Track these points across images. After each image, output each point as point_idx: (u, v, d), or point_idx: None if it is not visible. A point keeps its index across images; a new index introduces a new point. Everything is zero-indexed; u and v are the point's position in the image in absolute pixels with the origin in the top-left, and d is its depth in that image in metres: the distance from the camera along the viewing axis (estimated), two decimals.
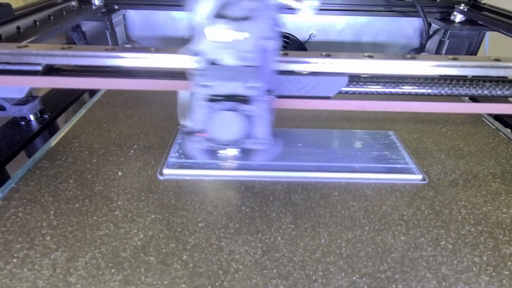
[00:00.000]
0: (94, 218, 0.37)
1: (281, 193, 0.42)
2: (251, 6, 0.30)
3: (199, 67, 0.33)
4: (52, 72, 0.43)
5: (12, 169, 0.45)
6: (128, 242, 0.35)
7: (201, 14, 0.30)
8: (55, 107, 0.59)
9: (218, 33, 0.30)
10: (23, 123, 0.55)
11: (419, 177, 0.45)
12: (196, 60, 0.33)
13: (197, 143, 0.36)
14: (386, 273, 0.33)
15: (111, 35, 0.83)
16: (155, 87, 0.45)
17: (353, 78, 0.46)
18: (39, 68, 0.41)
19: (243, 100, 0.33)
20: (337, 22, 0.90)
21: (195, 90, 0.33)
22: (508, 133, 0.57)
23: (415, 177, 0.45)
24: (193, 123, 0.35)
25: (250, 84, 0.32)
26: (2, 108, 0.52)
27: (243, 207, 0.40)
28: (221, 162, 0.38)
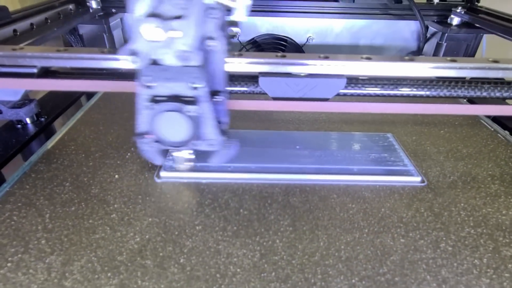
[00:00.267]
0: (90, 221, 0.37)
1: (279, 195, 0.42)
2: (182, 5, 0.30)
3: (139, 66, 0.32)
4: (47, 74, 0.42)
5: (8, 172, 0.44)
6: (125, 245, 0.34)
7: (137, 12, 0.30)
8: (52, 110, 0.59)
9: (152, 31, 0.30)
10: (19, 126, 0.54)
11: (418, 179, 0.45)
12: (133, 60, 0.32)
13: (147, 145, 0.36)
14: (386, 276, 0.32)
15: (109, 38, 0.83)
16: None
17: (351, 80, 0.46)
18: (35, 70, 0.41)
19: (187, 101, 0.33)
20: (335, 25, 0.91)
21: (139, 90, 0.32)
22: (507, 135, 0.57)
23: (414, 179, 0.45)
24: (139, 125, 0.34)
25: (193, 85, 0.32)
26: None
27: (241, 210, 0.39)
28: (176, 164, 0.37)
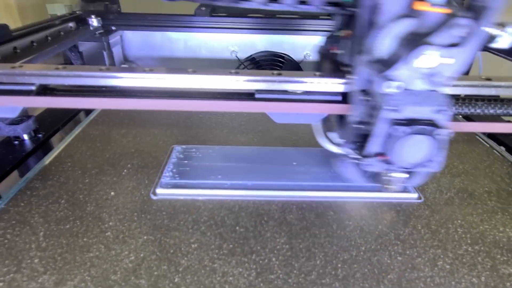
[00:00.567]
0: (85, 239, 0.36)
1: (276, 212, 0.41)
2: (461, 33, 0.30)
3: (390, 92, 0.32)
4: (45, 92, 0.43)
5: (3, 189, 0.44)
6: (119, 264, 0.34)
7: (387, 42, 0.30)
8: (50, 127, 0.59)
9: (428, 59, 0.30)
10: (16, 142, 0.54)
11: (415, 195, 0.45)
12: (389, 86, 0.32)
13: (370, 166, 0.36)
14: None
15: (108, 55, 0.84)
16: (150, 106, 0.45)
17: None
18: (33, 88, 0.41)
19: (431, 124, 0.33)
20: None
21: (381, 114, 0.32)
22: (502, 151, 0.57)
23: (411, 196, 0.45)
24: (372, 146, 0.34)
25: (439, 108, 0.32)
26: None
27: (237, 227, 0.39)
28: (391, 185, 0.37)
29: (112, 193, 0.43)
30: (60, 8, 0.95)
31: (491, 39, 0.32)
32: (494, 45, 0.32)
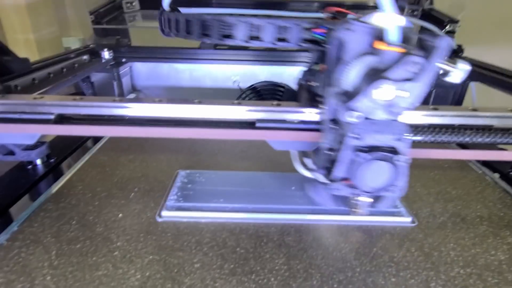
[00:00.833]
0: (94, 258, 0.39)
1: (275, 235, 0.44)
2: (414, 70, 0.33)
3: (354, 121, 0.35)
4: (63, 120, 0.46)
5: (17, 211, 0.47)
6: (126, 282, 0.36)
7: (352, 75, 0.34)
8: (61, 152, 0.62)
9: (383, 92, 0.33)
10: (29, 167, 0.58)
11: (409, 219, 0.47)
12: (349, 115, 0.35)
13: (336, 190, 0.38)
14: None
15: (118, 85, 0.89)
16: (157, 134, 0.48)
17: None
18: (52, 117, 0.45)
19: (391, 151, 0.36)
20: None
21: (347, 141, 0.36)
22: (495, 177, 0.59)
23: (405, 220, 0.47)
24: (337, 172, 0.37)
25: (398, 137, 0.35)
26: (12, 153, 0.55)
27: (238, 248, 0.41)
28: (357, 208, 0.39)
29: (120, 215, 0.46)
30: (74, 42, 1.01)
31: (445, 74, 0.35)
32: (448, 79, 0.36)
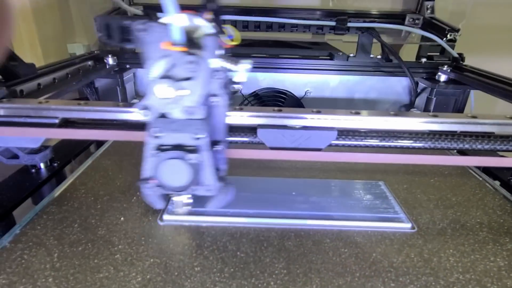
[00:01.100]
0: (96, 261, 0.39)
1: (275, 239, 0.44)
2: (192, 69, 0.35)
3: (149, 119, 0.37)
4: (67, 124, 0.47)
5: (21, 214, 0.47)
6: (127, 285, 0.36)
7: (153, 74, 0.35)
8: (65, 156, 0.63)
9: (163, 90, 0.35)
10: (33, 170, 0.58)
11: (408, 225, 0.47)
12: (144, 113, 0.37)
13: (149, 189, 0.39)
14: None
15: (121, 90, 0.90)
16: None
17: (342, 132, 0.50)
18: (56, 121, 0.46)
19: (189, 150, 0.37)
20: (331, 80, 0.98)
21: (147, 140, 0.37)
22: (495, 184, 0.60)
23: (405, 226, 0.47)
24: (144, 171, 0.38)
25: (195, 135, 0.36)
26: (16, 156, 0.56)
27: (238, 252, 0.41)
28: (174, 208, 0.40)
29: (122, 218, 0.46)
30: (79, 48, 1.03)
31: (232, 74, 0.36)
32: (235, 79, 0.37)
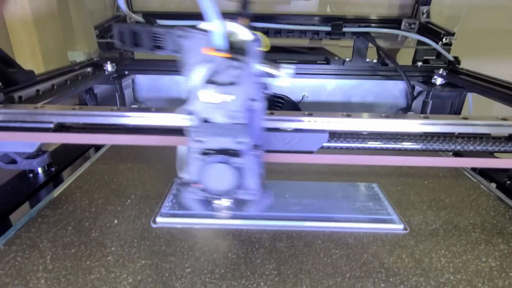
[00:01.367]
0: (88, 262, 0.39)
1: (266, 241, 0.44)
2: (236, 74, 0.36)
3: (193, 124, 0.37)
4: (62, 129, 0.48)
5: (16, 217, 0.48)
6: (118, 286, 0.37)
7: (194, 80, 0.36)
8: (62, 161, 0.64)
9: (209, 95, 0.36)
10: (31, 175, 0.59)
11: (401, 226, 0.48)
12: (190, 118, 0.37)
13: (192, 193, 0.39)
14: None
15: (120, 96, 0.91)
16: (154, 142, 0.49)
17: (334, 135, 0.51)
18: (51, 125, 0.47)
19: (233, 153, 0.37)
20: (328, 84, 0.98)
21: (191, 145, 0.37)
22: (491, 186, 0.60)
23: (397, 227, 0.47)
24: (188, 175, 0.38)
25: (239, 140, 0.37)
26: (14, 161, 0.57)
27: (229, 254, 0.42)
28: (216, 212, 0.40)
29: (115, 221, 0.47)
30: (79, 55, 1.04)
31: (274, 78, 0.37)
32: (276, 84, 0.37)
